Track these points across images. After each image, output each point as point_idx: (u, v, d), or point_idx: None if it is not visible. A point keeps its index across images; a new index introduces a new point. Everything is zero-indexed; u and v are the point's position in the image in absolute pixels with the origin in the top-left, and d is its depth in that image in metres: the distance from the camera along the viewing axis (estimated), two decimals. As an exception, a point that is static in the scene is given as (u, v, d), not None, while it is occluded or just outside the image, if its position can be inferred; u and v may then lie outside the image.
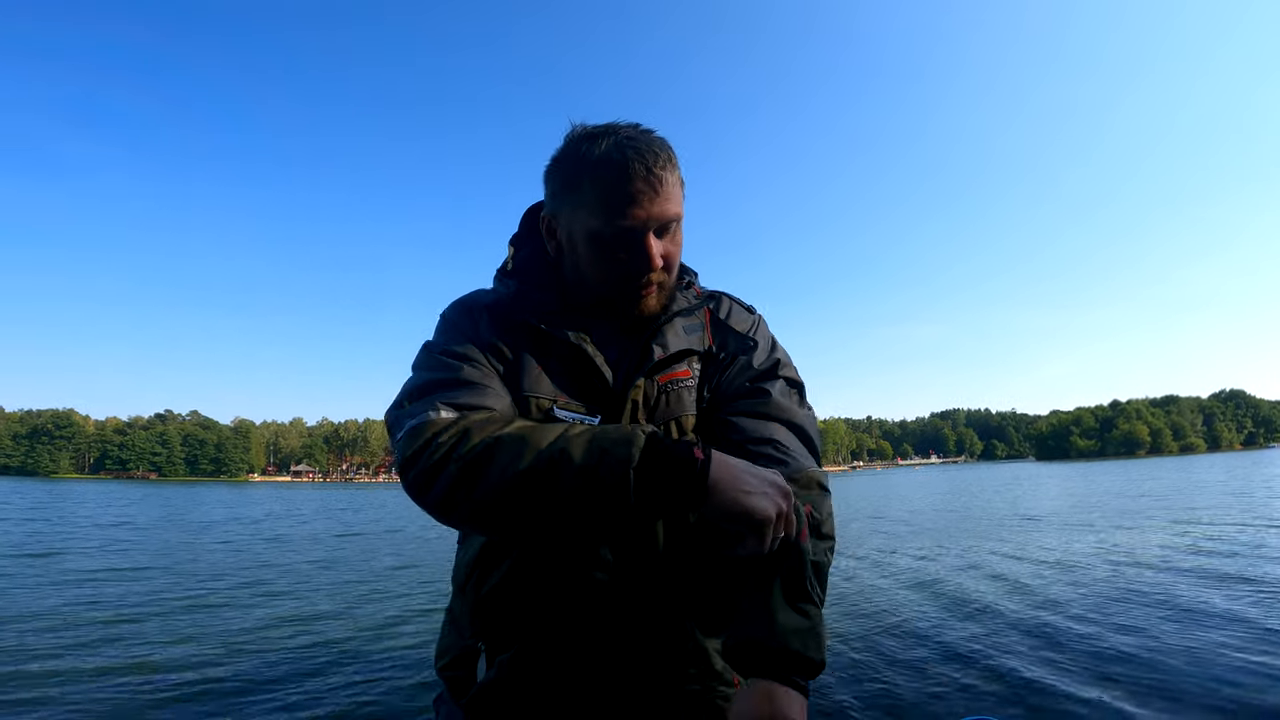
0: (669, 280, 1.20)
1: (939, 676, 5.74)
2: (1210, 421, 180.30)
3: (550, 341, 1.17)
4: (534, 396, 1.12)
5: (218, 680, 5.61)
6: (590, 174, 1.09)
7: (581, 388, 1.16)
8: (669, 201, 1.11)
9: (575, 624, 1.08)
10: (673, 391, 1.19)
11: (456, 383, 1.08)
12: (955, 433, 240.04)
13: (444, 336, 1.19)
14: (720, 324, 1.31)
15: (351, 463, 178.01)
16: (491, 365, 1.14)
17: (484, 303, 1.23)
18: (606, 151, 1.08)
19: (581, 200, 1.12)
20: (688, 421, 1.20)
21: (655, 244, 1.12)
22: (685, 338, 1.23)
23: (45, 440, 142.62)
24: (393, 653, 6.51)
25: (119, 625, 7.46)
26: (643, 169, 1.07)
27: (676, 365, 1.21)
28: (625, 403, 1.14)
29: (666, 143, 1.15)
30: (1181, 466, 62.04)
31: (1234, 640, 6.67)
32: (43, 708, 4.79)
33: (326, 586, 10.29)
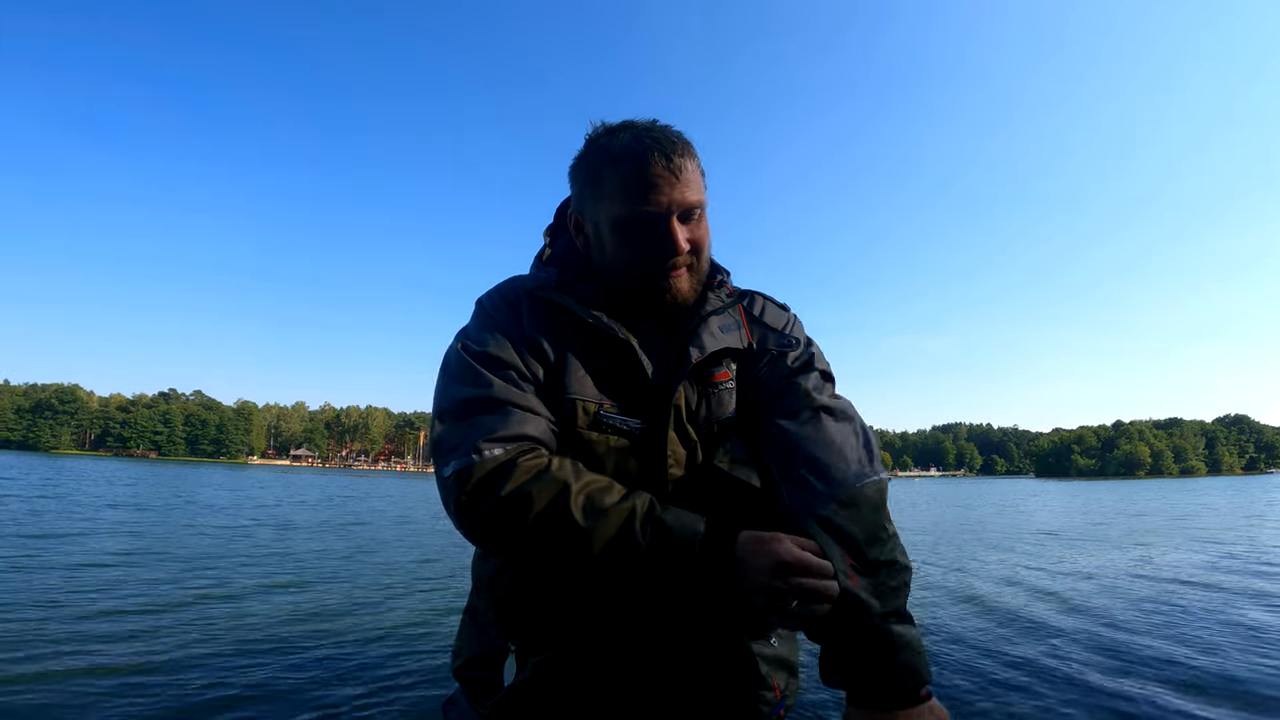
0: (699, 266, 1.20)
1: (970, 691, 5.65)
2: (1212, 445, 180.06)
3: (593, 335, 1.15)
4: (580, 400, 1.12)
5: (210, 672, 5.49)
6: (611, 165, 1.13)
7: (624, 388, 1.15)
8: (689, 188, 1.13)
9: (615, 627, 1.07)
10: (714, 394, 1.19)
11: (497, 404, 1.06)
12: (956, 446, 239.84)
13: (482, 334, 1.16)
14: (757, 320, 1.31)
15: (351, 449, 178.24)
16: (531, 370, 1.12)
17: (525, 288, 1.21)
18: (626, 143, 1.12)
19: (604, 192, 1.14)
20: (731, 423, 1.21)
21: (680, 228, 1.13)
22: (722, 337, 1.22)
23: (48, 415, 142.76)
24: (396, 652, 6.35)
25: (114, 615, 7.28)
26: (662, 157, 1.10)
27: (716, 368, 1.21)
28: (669, 409, 1.13)
29: (684, 135, 1.17)
30: (1178, 488, 61.94)
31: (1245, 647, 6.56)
32: (39, 696, 4.70)
33: (332, 578, 10.14)
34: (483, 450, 1.01)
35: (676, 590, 0.95)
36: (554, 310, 1.17)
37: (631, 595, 1.01)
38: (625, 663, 1.08)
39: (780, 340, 1.28)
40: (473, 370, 1.10)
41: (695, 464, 1.15)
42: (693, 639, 1.09)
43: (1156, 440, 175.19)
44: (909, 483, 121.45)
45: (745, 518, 1.05)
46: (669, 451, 1.12)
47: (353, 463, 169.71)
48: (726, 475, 1.14)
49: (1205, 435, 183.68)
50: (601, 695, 1.08)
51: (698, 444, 1.16)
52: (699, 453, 1.16)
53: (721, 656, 1.11)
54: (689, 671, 1.10)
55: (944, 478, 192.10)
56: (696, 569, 0.94)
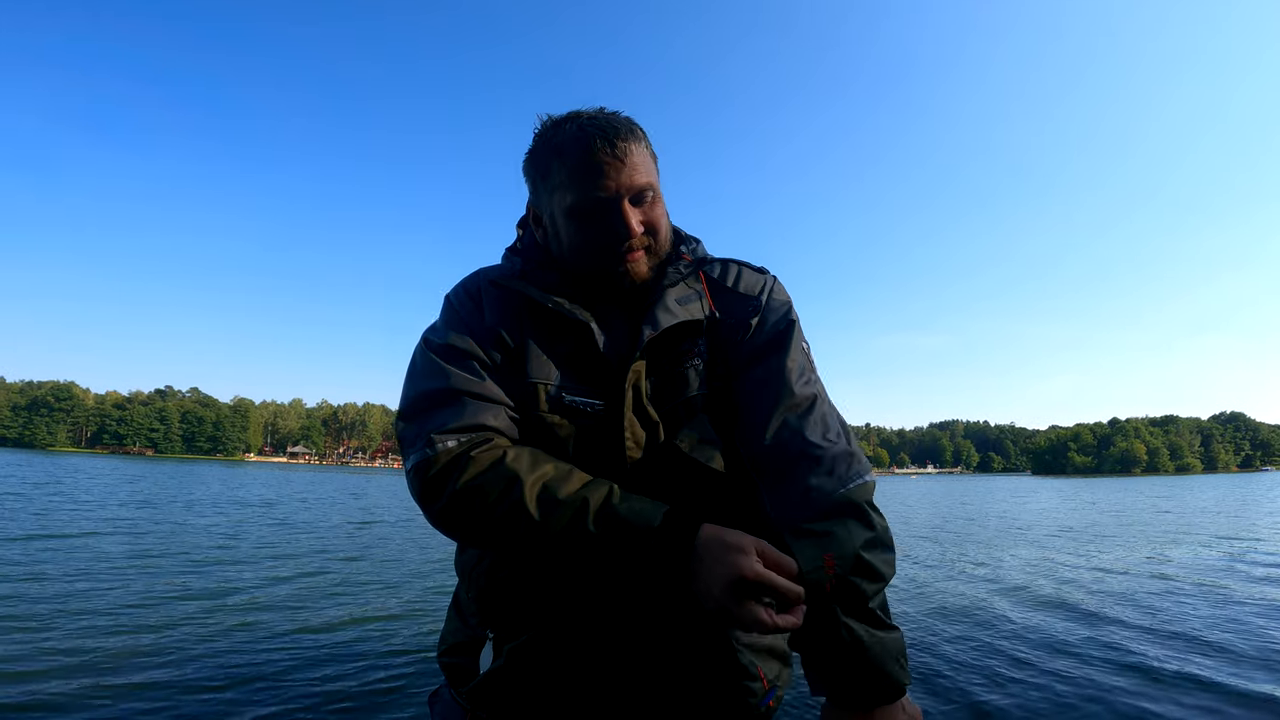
0: (656, 246, 1.19)
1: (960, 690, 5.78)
2: (1208, 443, 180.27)
3: (554, 320, 1.16)
4: (541, 383, 1.12)
5: (206, 664, 5.58)
6: (558, 157, 1.14)
7: (585, 370, 1.14)
8: (636, 171, 1.13)
9: (590, 613, 1.07)
10: (677, 373, 1.17)
11: (453, 395, 1.07)
12: (953, 444, 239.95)
13: (444, 328, 1.18)
14: (722, 288, 1.27)
15: (349, 446, 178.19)
16: (491, 358, 1.13)
17: (489, 278, 1.23)
18: (570, 133, 1.13)
19: (554, 184, 1.15)
20: (695, 402, 1.17)
21: (632, 210, 1.13)
22: (679, 310, 1.19)
23: (44, 413, 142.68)
24: (389, 645, 6.43)
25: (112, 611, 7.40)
26: (606, 144, 1.11)
27: (677, 344, 1.18)
28: (624, 391, 1.11)
29: (632, 120, 1.18)
30: (1171, 485, 62.12)
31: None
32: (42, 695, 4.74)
33: (328, 573, 10.22)
34: (435, 443, 1.02)
35: (633, 584, 0.97)
36: (515, 298, 1.18)
37: (596, 584, 1.03)
38: (601, 650, 1.08)
39: (743, 306, 1.24)
40: (433, 364, 1.12)
41: (655, 445, 1.13)
42: (669, 626, 1.08)
43: (1152, 438, 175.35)
44: (905, 480, 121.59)
45: (706, 503, 1.07)
46: (627, 433, 1.11)
47: (350, 460, 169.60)
48: (686, 457, 1.12)
49: (1201, 433, 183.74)
50: (578, 682, 1.08)
51: (659, 425, 1.14)
52: (660, 433, 1.14)
53: (698, 645, 1.10)
54: (667, 659, 1.09)
55: (941, 475, 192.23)
56: (651, 565, 0.94)
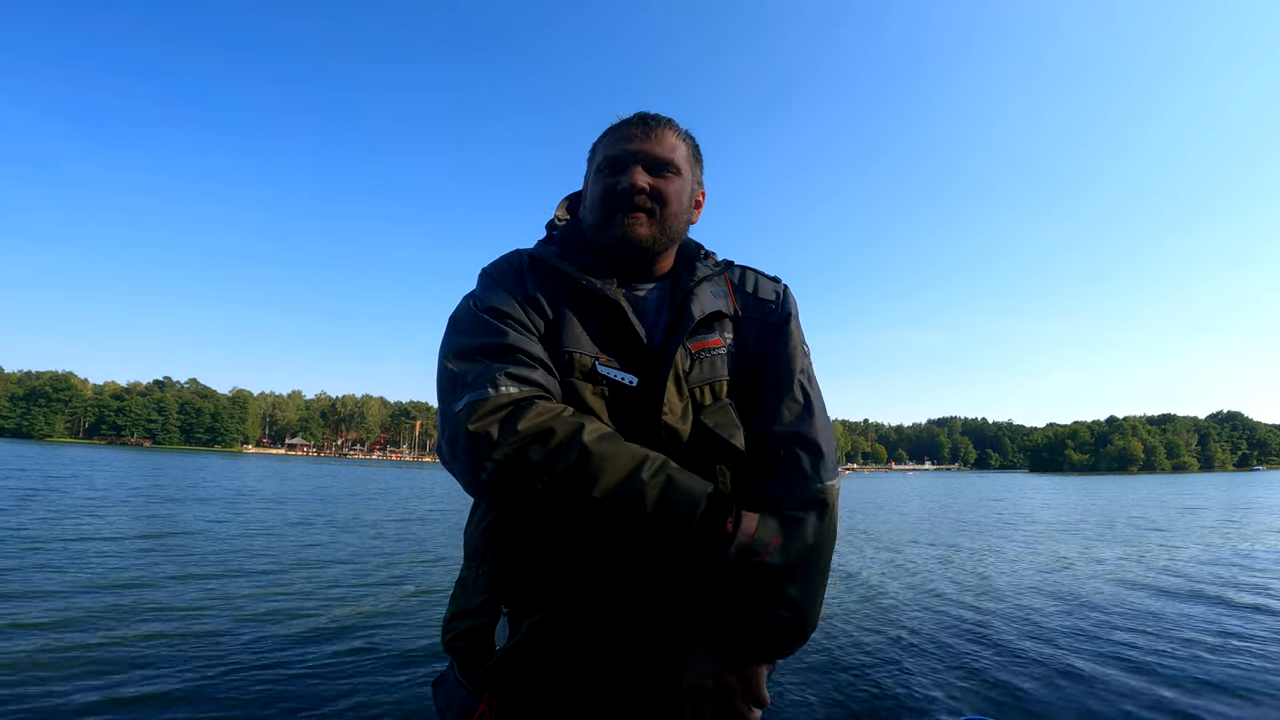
0: (663, 218, 1.28)
1: (933, 676, 5.87)
2: (1205, 441, 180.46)
3: (588, 297, 1.22)
4: (575, 353, 1.17)
5: (210, 653, 5.61)
6: (605, 135, 1.32)
7: (619, 346, 1.21)
8: (659, 144, 1.27)
9: (606, 588, 1.10)
10: (706, 359, 1.25)
11: (509, 349, 1.12)
12: (951, 440, 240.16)
13: (488, 292, 1.23)
14: (743, 292, 1.38)
15: (347, 438, 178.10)
16: (535, 325, 1.19)
17: (528, 253, 1.31)
18: (621, 118, 1.33)
19: (595, 154, 1.33)
20: (722, 386, 1.26)
21: (640, 172, 1.25)
22: (715, 300, 1.30)
23: (42, 403, 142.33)
24: (389, 635, 6.45)
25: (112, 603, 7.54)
26: (639, 120, 1.29)
27: (709, 334, 1.28)
28: (668, 366, 1.19)
29: (671, 119, 1.33)
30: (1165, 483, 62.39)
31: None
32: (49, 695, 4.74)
33: (327, 566, 10.27)
34: (500, 385, 1.05)
35: (671, 546, 1.00)
36: (553, 273, 1.25)
37: (623, 554, 1.05)
38: (615, 624, 1.11)
39: (767, 310, 1.36)
40: (485, 322, 1.16)
41: (686, 420, 1.19)
42: (676, 608, 1.12)
43: (1150, 436, 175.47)
44: (902, 476, 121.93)
45: (729, 478, 1.17)
46: (665, 403, 1.17)
47: (348, 452, 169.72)
48: (713, 434, 1.18)
49: (1198, 431, 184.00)
50: (594, 655, 1.10)
51: (690, 402, 1.21)
52: (690, 411, 1.21)
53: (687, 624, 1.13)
54: (679, 631, 1.13)
55: (938, 471, 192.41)
56: (695, 530, 1.00)
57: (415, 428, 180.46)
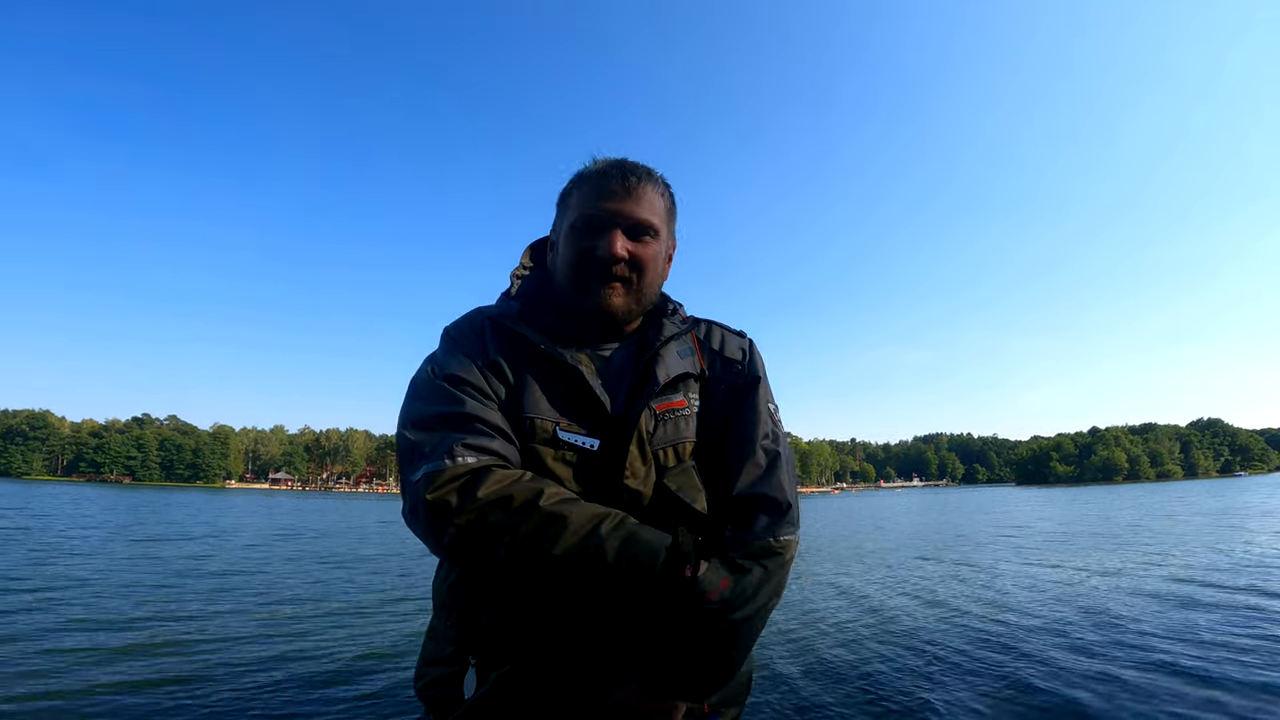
0: (639, 286, 1.26)
1: (969, 693, 5.92)
2: (1188, 449, 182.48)
3: (549, 362, 1.21)
4: (536, 418, 1.17)
5: (189, 695, 5.49)
6: (577, 183, 1.28)
7: (581, 410, 1.20)
8: (640, 205, 1.23)
9: (571, 642, 1.11)
10: (670, 420, 1.24)
11: (466, 419, 1.12)
12: (938, 456, 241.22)
13: (449, 356, 1.22)
14: (709, 349, 1.37)
15: (332, 472, 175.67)
16: (494, 391, 1.18)
17: (488, 314, 1.29)
18: (597, 165, 1.27)
19: (568, 206, 1.28)
20: (686, 448, 1.26)
21: (621, 237, 1.22)
22: (680, 362, 1.29)
23: (19, 441, 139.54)
24: (368, 676, 6.36)
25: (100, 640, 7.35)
26: (619, 175, 1.23)
27: (673, 395, 1.27)
28: (631, 429, 1.18)
29: (656, 171, 1.29)
30: (1153, 491, 62.99)
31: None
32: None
33: (305, 604, 10.07)
34: (456, 456, 1.06)
35: (634, 597, 1.03)
36: (513, 337, 1.23)
37: (586, 608, 1.07)
38: (581, 676, 1.11)
39: (734, 370, 1.35)
40: (443, 390, 1.15)
41: (648, 484, 1.19)
42: (630, 650, 1.12)
43: (1132, 445, 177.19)
44: (891, 494, 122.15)
45: (689, 541, 1.13)
46: (627, 469, 1.17)
47: (333, 485, 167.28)
48: (674, 497, 1.19)
49: (1180, 439, 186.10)
50: (559, 707, 1.11)
51: (652, 465, 1.21)
52: (653, 472, 1.21)
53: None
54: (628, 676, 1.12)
55: (926, 487, 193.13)
56: (658, 580, 1.02)
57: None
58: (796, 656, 6.95)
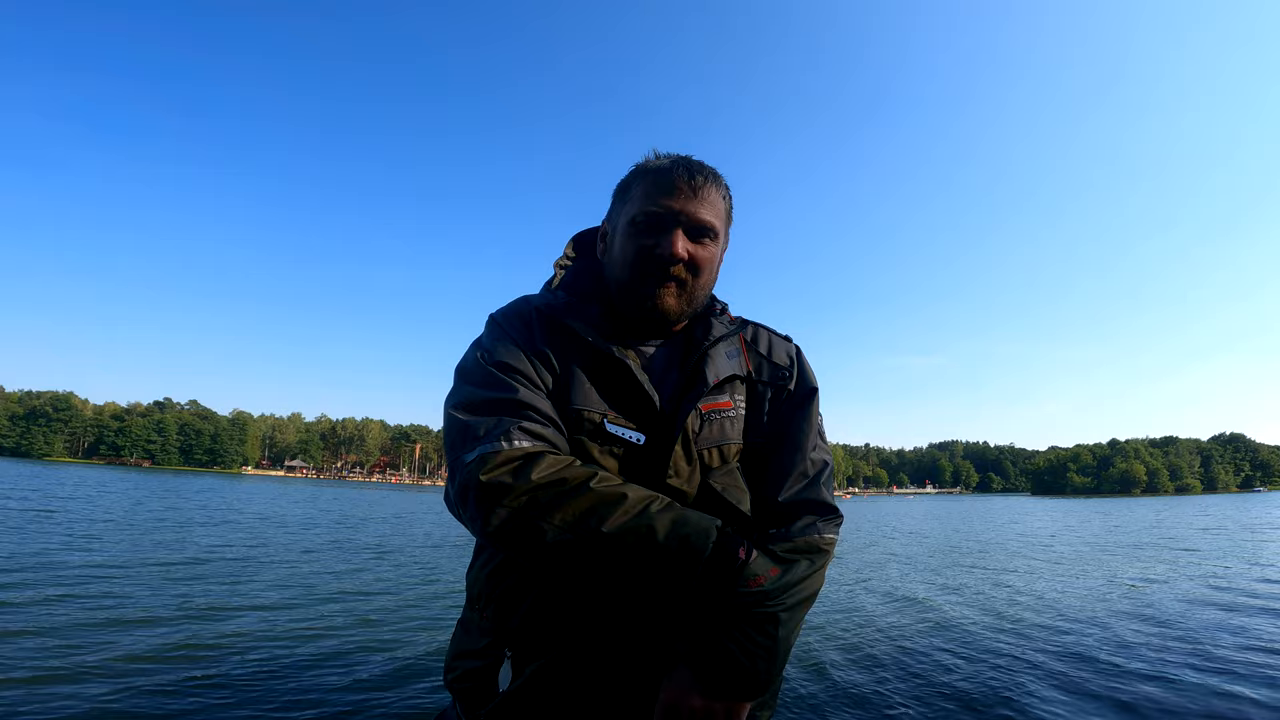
0: (694, 287, 1.25)
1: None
2: (1208, 463, 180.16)
3: (596, 355, 1.21)
4: (584, 410, 1.17)
5: (211, 685, 5.48)
6: (641, 177, 1.25)
7: (627, 405, 1.20)
8: (703, 206, 1.22)
9: (607, 636, 1.11)
10: (716, 420, 1.24)
11: (518, 405, 1.12)
12: (953, 464, 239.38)
13: (497, 343, 1.21)
14: (756, 353, 1.37)
15: (346, 461, 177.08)
16: (543, 380, 1.18)
17: (535, 304, 1.28)
18: (660, 162, 1.25)
19: (629, 198, 1.26)
20: (731, 450, 1.25)
21: (682, 237, 1.20)
22: (728, 363, 1.29)
23: (42, 422, 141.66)
24: (392, 668, 6.33)
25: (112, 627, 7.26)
26: (685, 174, 1.21)
27: (720, 395, 1.26)
28: (677, 429, 1.18)
29: (719, 173, 1.28)
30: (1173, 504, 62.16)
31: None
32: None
33: (330, 595, 10.05)
34: (513, 439, 1.06)
35: (686, 578, 1.00)
36: (561, 328, 1.23)
37: (636, 586, 1.02)
38: (618, 671, 1.11)
39: (781, 376, 1.35)
40: (494, 376, 1.15)
41: (693, 483, 1.19)
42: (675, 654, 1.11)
43: (1152, 458, 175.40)
44: (903, 500, 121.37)
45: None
46: (672, 466, 1.17)
47: (347, 474, 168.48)
48: (720, 497, 1.19)
49: (1201, 453, 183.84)
50: (594, 702, 1.11)
51: (698, 464, 1.21)
52: (697, 472, 1.20)
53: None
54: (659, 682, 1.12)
55: (939, 495, 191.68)
56: (710, 559, 1.00)
57: (415, 451, 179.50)
58: (812, 660, 6.89)
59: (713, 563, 1.00)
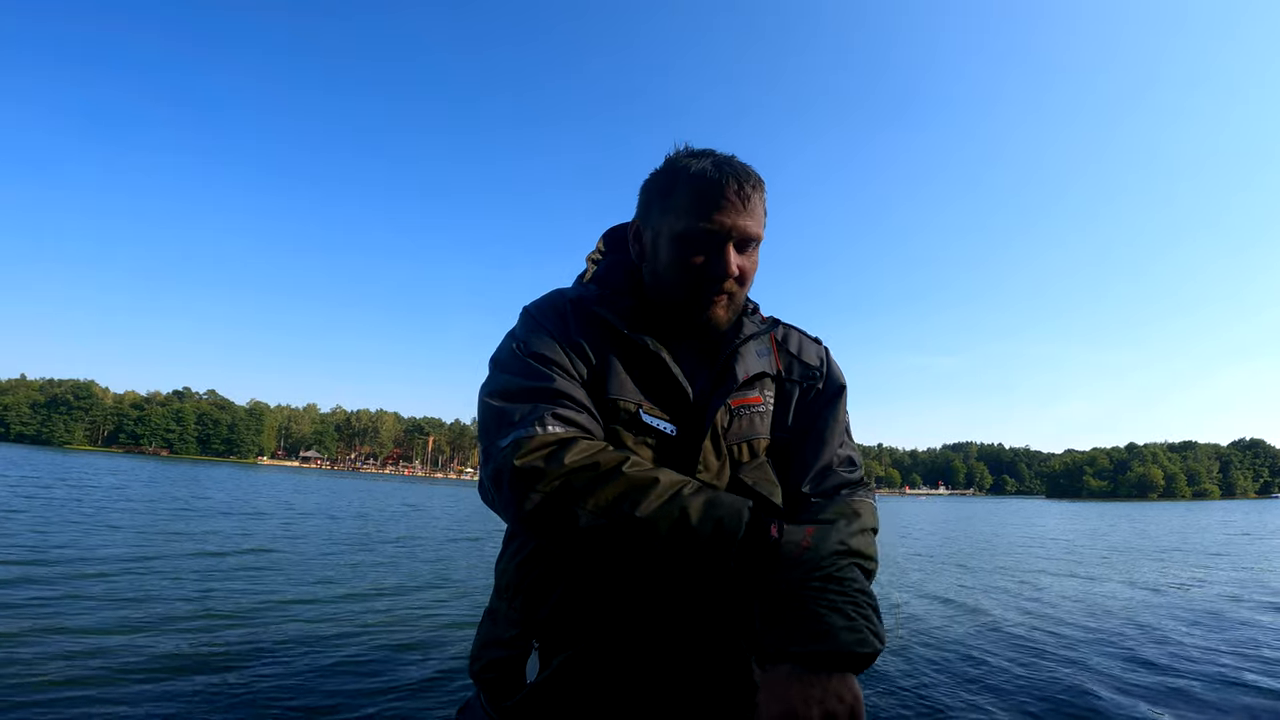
0: (740, 296, 1.26)
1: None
2: (1227, 469, 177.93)
3: (630, 346, 1.22)
4: (620, 400, 1.18)
5: (228, 673, 5.50)
6: (686, 182, 1.20)
7: (661, 397, 1.21)
8: (752, 219, 1.20)
9: (636, 628, 1.10)
10: (745, 415, 1.25)
11: (555, 394, 1.12)
12: (966, 465, 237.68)
13: (531, 335, 1.22)
14: (787, 352, 1.38)
15: (360, 452, 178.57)
16: (577, 370, 1.18)
17: (569, 297, 1.29)
18: (703, 166, 1.20)
19: (672, 205, 1.21)
20: (760, 444, 1.26)
21: (734, 254, 1.20)
22: (758, 360, 1.30)
23: (63, 410, 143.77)
24: (414, 658, 6.33)
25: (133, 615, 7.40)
26: (735, 184, 1.18)
27: (749, 391, 1.27)
28: (708, 422, 1.19)
29: (759, 175, 1.26)
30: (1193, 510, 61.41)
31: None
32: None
33: (351, 585, 10.10)
34: (547, 425, 1.06)
35: (720, 560, 0.98)
36: (595, 320, 1.24)
37: (669, 572, 1.01)
38: (646, 663, 1.11)
39: (811, 374, 1.36)
40: (529, 365, 1.16)
41: (723, 476, 1.20)
42: (706, 642, 1.12)
43: (1170, 463, 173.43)
44: (916, 500, 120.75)
45: None
46: (701, 460, 1.18)
47: (361, 466, 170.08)
48: (751, 490, 1.19)
49: (1220, 459, 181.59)
50: (621, 694, 1.10)
51: (728, 458, 1.22)
52: (727, 466, 1.22)
53: (730, 660, 1.14)
54: (700, 673, 1.13)
55: (953, 496, 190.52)
56: (744, 541, 0.98)
57: (428, 443, 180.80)
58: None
59: (747, 543, 0.99)
